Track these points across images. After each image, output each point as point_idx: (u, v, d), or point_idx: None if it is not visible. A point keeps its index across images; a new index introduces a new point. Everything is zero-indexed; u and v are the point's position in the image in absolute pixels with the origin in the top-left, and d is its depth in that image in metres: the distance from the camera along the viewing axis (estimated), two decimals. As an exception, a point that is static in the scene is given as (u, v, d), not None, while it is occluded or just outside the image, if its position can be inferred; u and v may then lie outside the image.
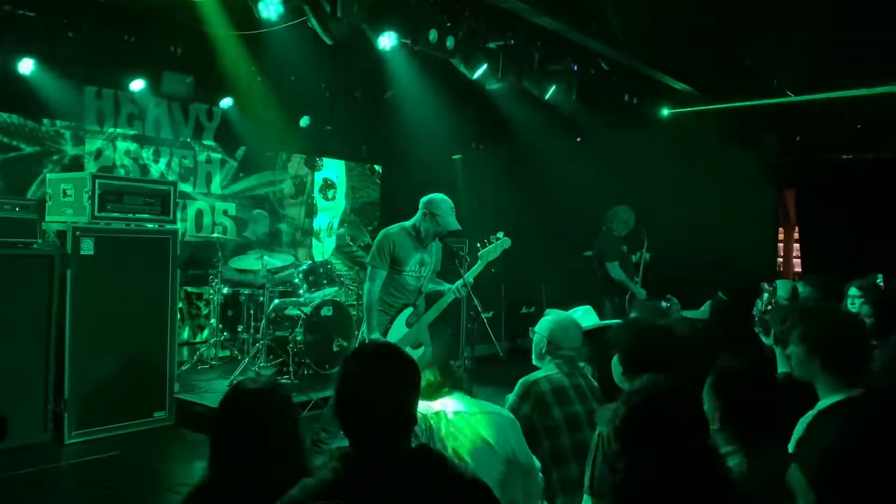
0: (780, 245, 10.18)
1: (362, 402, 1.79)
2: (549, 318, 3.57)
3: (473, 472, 1.91)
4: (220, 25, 6.12)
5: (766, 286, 4.34)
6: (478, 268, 4.92)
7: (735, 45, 6.89)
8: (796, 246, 10.15)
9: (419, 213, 4.88)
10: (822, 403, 2.45)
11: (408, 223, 4.94)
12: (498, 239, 5.03)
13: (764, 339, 3.50)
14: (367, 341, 4.59)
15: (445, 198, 4.88)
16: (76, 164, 7.31)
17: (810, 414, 2.43)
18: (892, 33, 6.07)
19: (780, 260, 10.16)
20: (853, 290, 4.62)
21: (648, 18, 6.58)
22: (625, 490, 1.67)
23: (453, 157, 10.76)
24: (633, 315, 4.49)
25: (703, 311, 5.29)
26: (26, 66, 6.39)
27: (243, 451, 2.04)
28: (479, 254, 4.98)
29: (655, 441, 1.70)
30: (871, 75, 7.04)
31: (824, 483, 1.17)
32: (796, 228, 10.16)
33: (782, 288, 4.80)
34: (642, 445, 1.69)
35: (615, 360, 2.83)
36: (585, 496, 2.44)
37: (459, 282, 4.83)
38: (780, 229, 10.16)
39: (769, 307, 3.52)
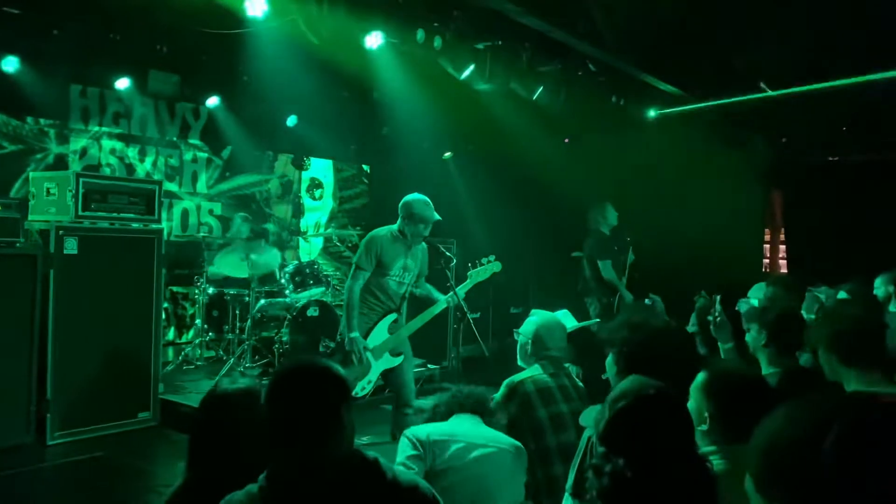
0: (766, 246, 10.23)
1: (278, 416, 1.82)
2: (534, 320, 3.58)
3: (414, 477, 1.89)
4: (207, 24, 6.08)
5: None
6: (466, 286, 5.08)
7: (721, 46, 6.92)
8: (782, 247, 10.20)
9: (399, 218, 4.92)
10: None
11: (395, 226, 4.96)
12: (489, 262, 5.12)
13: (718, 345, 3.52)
14: (291, 360, 4.61)
15: (418, 195, 4.94)
16: (60, 163, 7.25)
17: None
18: (877, 27, 6.11)
19: (766, 261, 10.22)
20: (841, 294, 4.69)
21: (635, 19, 6.59)
22: (610, 493, 1.66)
23: (444, 155, 10.75)
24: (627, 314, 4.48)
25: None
26: (10, 63, 6.33)
27: (221, 454, 2.03)
28: (468, 273, 5.12)
29: (642, 445, 1.69)
30: (856, 70, 7.07)
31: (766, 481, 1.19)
32: (782, 230, 10.22)
33: (758, 291, 4.83)
34: (629, 449, 1.69)
35: (610, 358, 2.82)
36: (567, 497, 2.43)
37: (450, 295, 4.88)
38: (766, 230, 10.22)
39: (718, 316, 3.50)
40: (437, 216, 4.91)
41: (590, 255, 7.35)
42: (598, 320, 4.26)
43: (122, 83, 7.18)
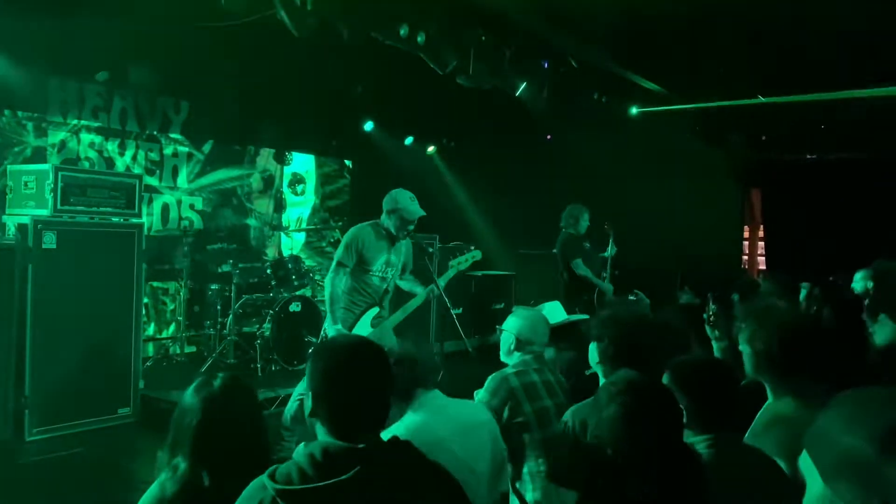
0: (745, 243, 10.34)
1: (349, 395, 1.80)
2: (518, 315, 3.59)
3: (436, 462, 1.92)
4: (188, 17, 6.03)
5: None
6: (447, 276, 5.09)
7: (704, 46, 6.97)
8: (761, 244, 10.31)
9: (383, 213, 4.89)
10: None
11: (378, 221, 4.94)
12: (470, 251, 5.16)
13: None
14: (337, 336, 4.55)
15: (402, 190, 4.92)
16: (39, 156, 7.17)
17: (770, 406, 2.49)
18: (859, 37, 6.19)
19: (745, 257, 10.32)
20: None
21: (618, 17, 6.61)
22: (600, 483, 1.68)
23: (427, 150, 10.75)
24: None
25: None
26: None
27: (203, 449, 2.02)
28: (449, 263, 5.14)
29: (634, 434, 1.71)
30: (837, 79, 7.18)
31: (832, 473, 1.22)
32: (761, 227, 10.33)
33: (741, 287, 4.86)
34: (620, 438, 1.71)
35: (593, 347, 2.83)
36: (545, 482, 2.45)
37: (431, 287, 4.88)
38: (746, 227, 10.32)
39: (713, 315, 3.57)
40: (421, 212, 4.90)
41: (562, 256, 7.39)
42: (585, 316, 4.27)
43: (102, 76, 7.10)
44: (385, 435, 1.88)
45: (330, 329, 4.81)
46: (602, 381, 2.71)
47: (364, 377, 1.82)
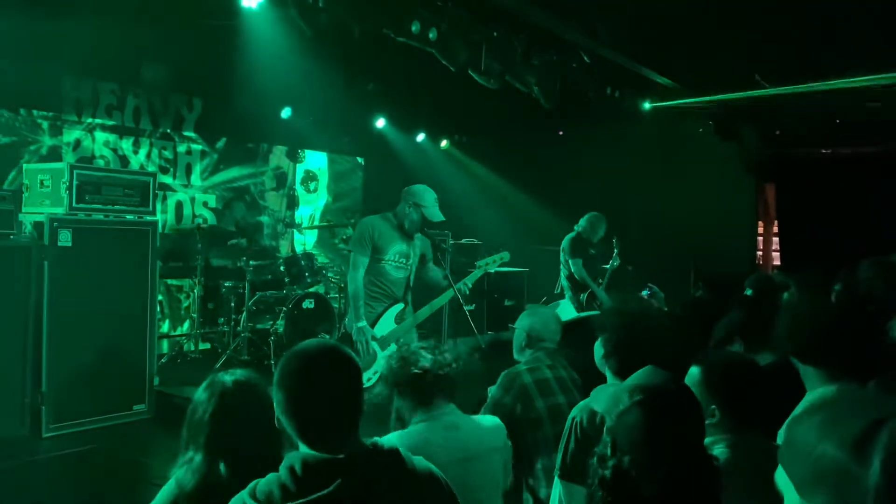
0: (760, 239, 10.26)
1: (314, 401, 1.73)
2: (529, 313, 3.60)
3: (428, 465, 1.88)
4: (201, 15, 6.05)
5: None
6: (474, 276, 5.04)
7: (716, 39, 6.91)
8: (775, 240, 10.23)
9: (402, 204, 4.84)
10: (810, 396, 2.47)
11: (388, 213, 4.92)
12: (499, 252, 5.20)
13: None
14: (307, 341, 4.52)
15: (429, 188, 4.87)
16: (54, 155, 7.23)
17: (799, 408, 2.45)
18: (870, 25, 6.14)
19: (760, 253, 10.24)
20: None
21: (631, 11, 6.58)
22: (611, 485, 1.66)
23: (441, 145, 10.73)
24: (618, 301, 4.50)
25: None
26: (2, 55, 6.29)
27: (220, 442, 2.03)
28: (476, 263, 5.12)
29: (651, 439, 1.68)
30: (848, 68, 7.11)
31: (807, 486, 1.20)
32: (776, 222, 10.24)
33: (754, 282, 4.84)
34: (637, 442, 1.68)
35: (598, 342, 2.82)
36: (556, 480, 2.44)
37: (461, 283, 4.85)
38: (760, 223, 10.24)
39: None
40: (442, 217, 4.84)
41: (564, 254, 7.39)
42: (595, 312, 4.27)
43: (115, 75, 7.14)
44: (385, 441, 1.83)
45: (352, 325, 4.79)
46: (608, 376, 2.69)
47: (324, 383, 1.74)
